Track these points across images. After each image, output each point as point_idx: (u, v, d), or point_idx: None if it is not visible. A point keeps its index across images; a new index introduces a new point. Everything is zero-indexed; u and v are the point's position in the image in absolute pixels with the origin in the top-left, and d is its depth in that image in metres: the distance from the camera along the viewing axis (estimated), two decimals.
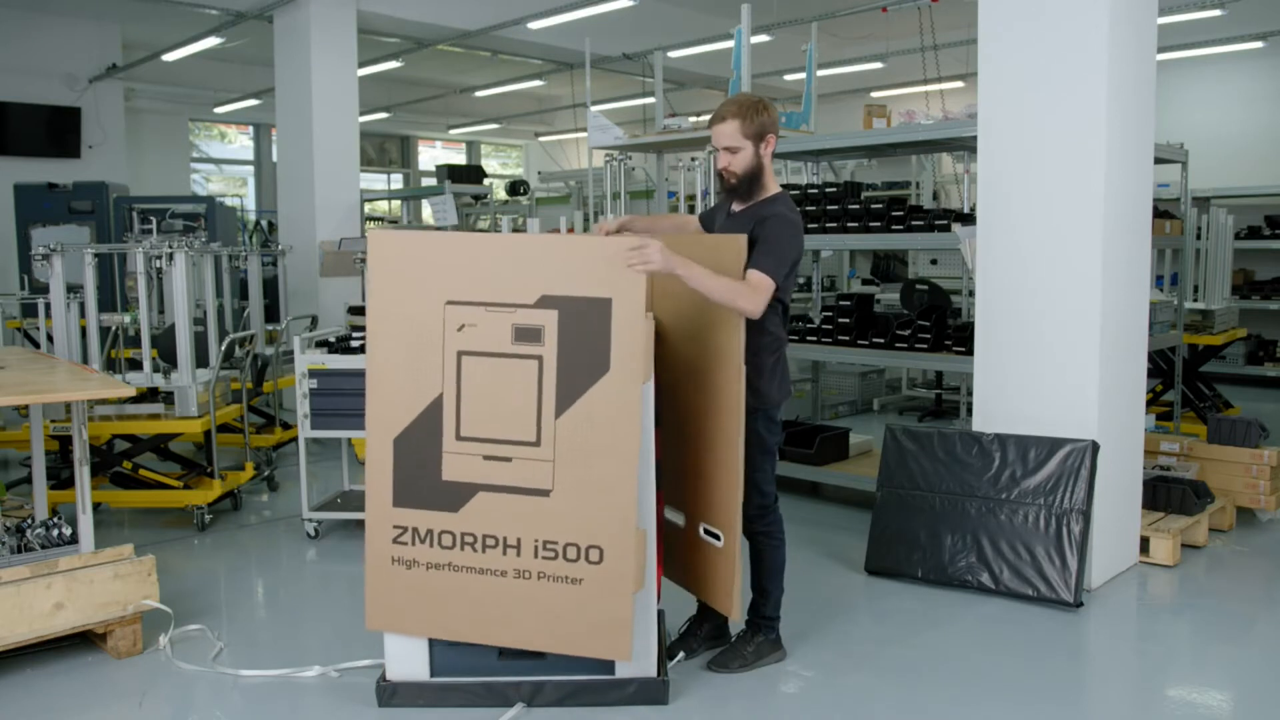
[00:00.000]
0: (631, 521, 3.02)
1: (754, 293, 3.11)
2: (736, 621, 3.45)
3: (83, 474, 3.72)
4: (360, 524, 5.14)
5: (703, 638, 3.61)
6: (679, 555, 3.58)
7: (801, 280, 9.87)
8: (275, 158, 10.20)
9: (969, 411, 4.79)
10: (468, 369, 3.12)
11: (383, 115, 15.33)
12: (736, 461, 3.22)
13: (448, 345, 3.11)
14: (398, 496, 3.17)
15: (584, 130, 7.81)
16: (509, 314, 3.08)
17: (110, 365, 5.80)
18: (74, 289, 5.56)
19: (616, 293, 3.00)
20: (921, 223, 5.29)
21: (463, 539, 3.14)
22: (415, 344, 3.14)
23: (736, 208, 3.44)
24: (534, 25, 9.61)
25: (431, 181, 12.34)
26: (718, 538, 3.33)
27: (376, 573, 3.20)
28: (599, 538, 3.04)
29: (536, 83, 13.15)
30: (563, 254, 3.07)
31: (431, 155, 18.26)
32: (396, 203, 15.36)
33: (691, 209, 7.38)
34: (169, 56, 10.61)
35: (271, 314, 7.54)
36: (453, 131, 17.73)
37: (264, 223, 12.43)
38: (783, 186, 6.03)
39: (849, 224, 5.49)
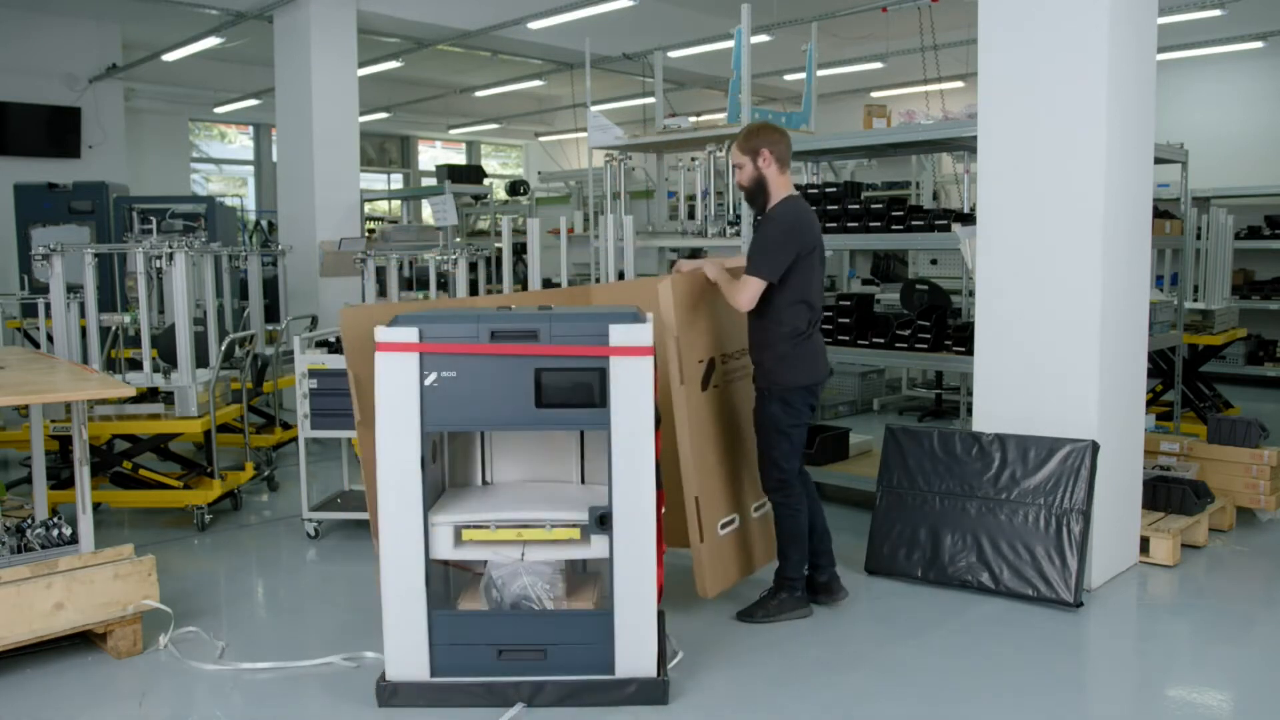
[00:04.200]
0: None
1: (740, 290, 3.72)
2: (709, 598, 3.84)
3: (83, 474, 3.71)
4: (359, 524, 5.15)
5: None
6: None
7: None
8: (275, 158, 10.20)
9: (969, 411, 4.79)
10: None
11: (383, 115, 15.33)
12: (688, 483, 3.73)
13: None
14: None
15: (584, 130, 7.80)
16: None
17: (110, 365, 5.80)
18: (74, 289, 5.56)
19: None
20: (921, 223, 5.29)
21: None
22: None
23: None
24: (534, 25, 9.62)
25: (431, 181, 12.34)
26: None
27: None
28: None
29: (536, 83, 13.15)
30: None
31: (431, 155, 18.26)
32: (396, 203, 15.36)
33: (691, 209, 7.38)
34: (169, 56, 10.61)
35: (271, 314, 7.54)
36: (453, 131, 17.73)
37: (264, 223, 12.43)
38: None
39: (849, 224, 5.49)
